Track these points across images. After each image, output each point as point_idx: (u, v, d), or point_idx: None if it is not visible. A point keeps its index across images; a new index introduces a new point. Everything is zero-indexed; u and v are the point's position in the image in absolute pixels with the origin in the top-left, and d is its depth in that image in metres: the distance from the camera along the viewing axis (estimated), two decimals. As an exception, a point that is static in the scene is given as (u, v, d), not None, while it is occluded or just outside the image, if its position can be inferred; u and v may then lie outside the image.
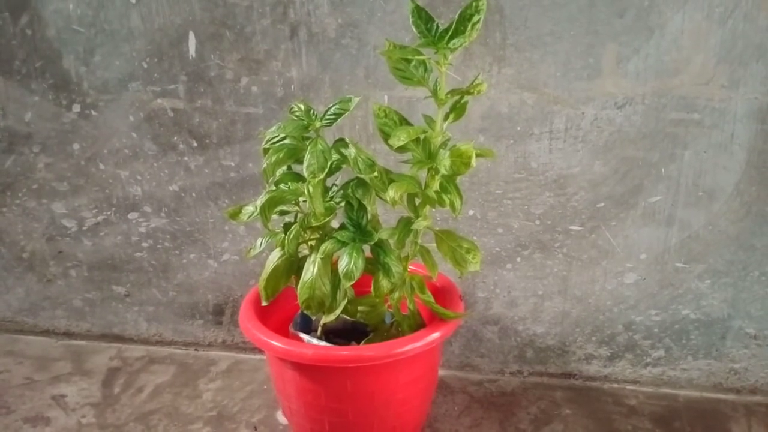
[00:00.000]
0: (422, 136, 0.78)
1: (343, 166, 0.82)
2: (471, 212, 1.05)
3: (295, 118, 0.82)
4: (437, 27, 0.74)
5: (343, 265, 0.78)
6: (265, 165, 0.78)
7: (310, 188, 0.77)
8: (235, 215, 0.85)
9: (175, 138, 1.10)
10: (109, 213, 1.17)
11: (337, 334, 0.95)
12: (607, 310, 1.07)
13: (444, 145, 0.79)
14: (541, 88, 0.97)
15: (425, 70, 0.78)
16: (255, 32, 1.01)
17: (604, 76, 0.95)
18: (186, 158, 1.11)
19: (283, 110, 1.05)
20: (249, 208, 0.86)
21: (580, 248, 1.04)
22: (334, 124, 0.80)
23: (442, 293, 0.93)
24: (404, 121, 0.82)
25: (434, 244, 0.85)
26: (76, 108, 1.11)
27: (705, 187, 0.98)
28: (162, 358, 1.22)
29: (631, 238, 1.02)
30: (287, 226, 0.86)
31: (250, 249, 0.89)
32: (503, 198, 1.03)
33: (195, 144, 1.10)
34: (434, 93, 0.78)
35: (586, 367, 1.11)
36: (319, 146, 0.77)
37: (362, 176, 0.77)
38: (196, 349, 1.24)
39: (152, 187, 1.14)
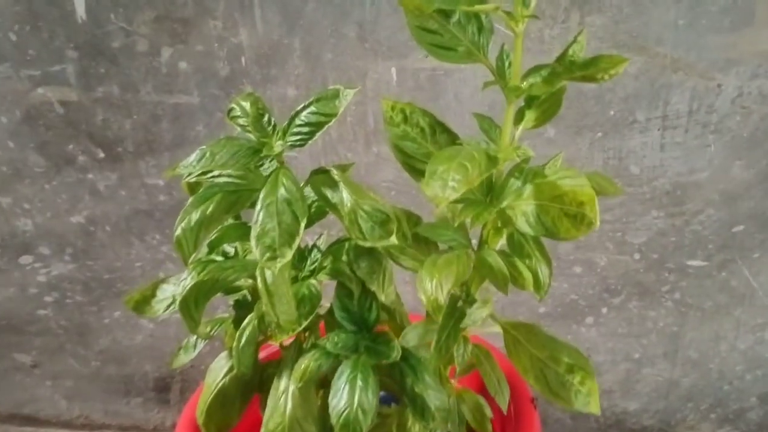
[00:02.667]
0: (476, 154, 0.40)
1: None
2: (534, 246, 0.67)
3: (239, 129, 0.44)
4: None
5: (339, 405, 0.42)
6: (178, 230, 0.40)
7: (267, 279, 0.40)
8: (142, 305, 0.48)
9: (72, 146, 0.72)
10: (-9, 256, 0.80)
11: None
12: (736, 377, 0.72)
13: (519, 171, 0.41)
14: (651, 46, 0.58)
15: (480, 31, 0.40)
16: (176, -26, 0.62)
17: (757, 24, 0.56)
18: (91, 176, 0.73)
19: (231, 97, 0.67)
20: (167, 290, 0.49)
21: (702, 292, 0.68)
22: (311, 141, 0.42)
23: (503, 394, 0.56)
24: (440, 129, 0.44)
25: (497, 328, 0.48)
26: None
27: None
28: (91, 451, 0.86)
29: (783, 277, 0.66)
30: (239, 316, 0.49)
31: (179, 350, 0.52)
32: (585, 223, 0.66)
33: (101, 154, 0.71)
34: (500, 75, 0.40)
35: (701, 454, 0.76)
36: (282, 190, 0.39)
37: (367, 244, 0.40)
38: (138, 434, 0.88)
39: (47, 219, 0.76)
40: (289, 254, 0.38)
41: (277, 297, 0.40)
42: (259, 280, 0.40)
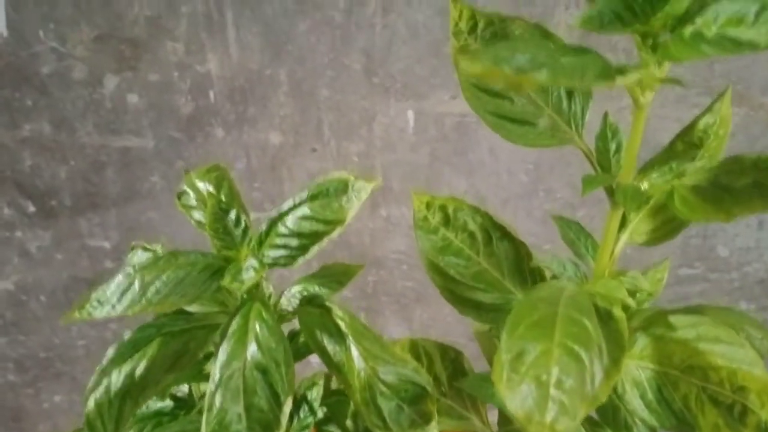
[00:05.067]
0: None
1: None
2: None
3: (193, 224, 0.29)
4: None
5: None
6: (90, 403, 0.25)
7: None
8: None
9: (-7, 196, 0.56)
10: None
11: None
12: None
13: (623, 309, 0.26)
14: (754, 95, 0.44)
15: (571, 94, 0.25)
16: (123, -20, 0.47)
17: None
18: (19, 233, 0.57)
19: (195, 141, 0.51)
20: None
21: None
22: (302, 260, 0.26)
23: None
24: (498, 234, 0.29)
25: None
26: None
27: None
28: None
29: None
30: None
31: None
32: (652, 313, 0.51)
33: (31, 208, 0.56)
34: (603, 164, 0.25)
35: None
36: (254, 348, 0.24)
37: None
38: None
39: (-34, 283, 0.60)
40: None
41: None
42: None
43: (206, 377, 0.31)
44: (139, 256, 0.33)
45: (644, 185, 0.25)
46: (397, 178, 0.51)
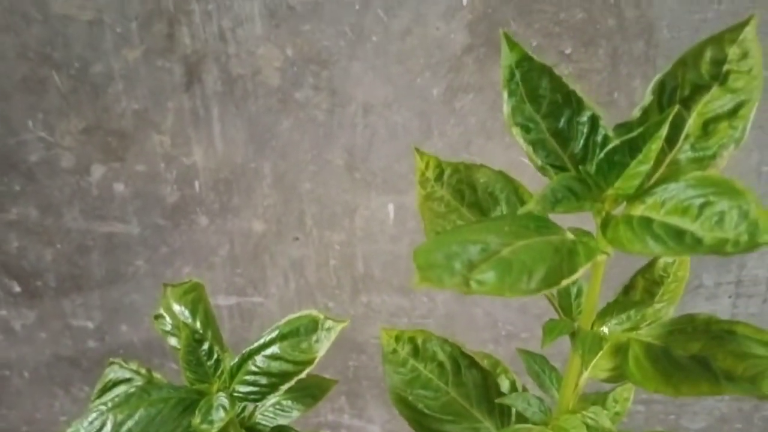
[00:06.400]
0: None
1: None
2: None
3: (170, 345, 0.30)
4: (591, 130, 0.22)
5: None
6: None
7: None
8: None
9: (-22, 276, 0.57)
10: None
11: None
12: None
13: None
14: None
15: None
16: (112, 75, 0.48)
17: None
18: (4, 312, 0.58)
19: (180, 228, 0.52)
20: None
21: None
22: (272, 396, 0.27)
23: None
24: (466, 363, 0.30)
25: None
26: None
27: None
28: None
29: None
30: None
31: None
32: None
33: (17, 288, 0.57)
34: (565, 310, 0.26)
35: None
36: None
37: None
38: None
39: (-51, 359, 0.61)
40: None
41: None
42: None
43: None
44: (115, 372, 0.34)
45: (604, 330, 0.26)
46: (377, 266, 0.52)
